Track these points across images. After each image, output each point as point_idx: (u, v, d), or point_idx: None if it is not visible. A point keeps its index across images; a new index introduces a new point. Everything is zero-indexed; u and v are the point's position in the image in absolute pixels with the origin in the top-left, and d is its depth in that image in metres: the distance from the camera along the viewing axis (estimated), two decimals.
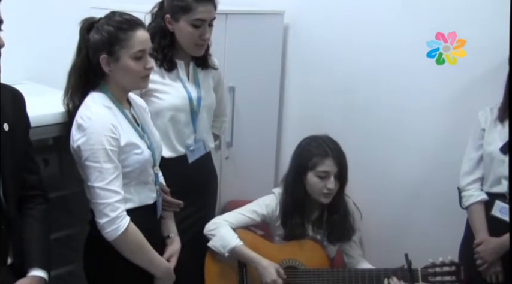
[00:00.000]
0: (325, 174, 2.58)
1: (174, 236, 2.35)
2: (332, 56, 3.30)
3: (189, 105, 2.54)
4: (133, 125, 2.15)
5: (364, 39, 3.15)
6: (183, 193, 2.53)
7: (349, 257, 2.75)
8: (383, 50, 3.07)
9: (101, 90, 2.12)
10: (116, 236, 1.99)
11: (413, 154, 3.03)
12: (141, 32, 2.07)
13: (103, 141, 1.99)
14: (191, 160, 2.62)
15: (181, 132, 2.57)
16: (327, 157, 2.58)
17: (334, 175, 2.58)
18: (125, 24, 2.05)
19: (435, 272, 2.48)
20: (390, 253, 2.75)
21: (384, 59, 3.07)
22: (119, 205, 2.00)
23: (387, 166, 3.13)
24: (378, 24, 3.07)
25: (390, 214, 3.16)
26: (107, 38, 2.04)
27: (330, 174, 2.58)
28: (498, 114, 2.52)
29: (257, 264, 2.55)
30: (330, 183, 2.57)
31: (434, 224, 2.98)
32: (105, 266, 2.12)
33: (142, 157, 2.11)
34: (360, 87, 3.20)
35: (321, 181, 2.58)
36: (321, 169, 2.58)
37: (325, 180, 2.58)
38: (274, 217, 2.69)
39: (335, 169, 2.59)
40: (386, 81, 3.08)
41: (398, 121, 3.07)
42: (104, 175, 1.98)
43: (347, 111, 3.26)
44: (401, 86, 3.03)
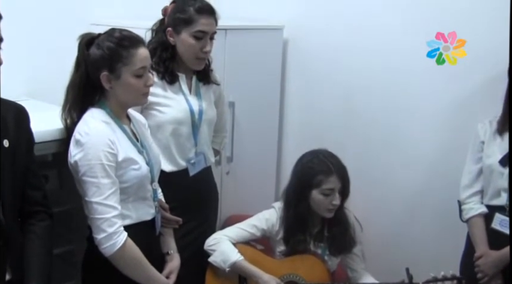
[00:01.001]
0: (330, 191, 2.58)
1: (174, 253, 2.32)
2: (332, 70, 3.29)
3: (190, 118, 2.54)
4: (132, 140, 2.14)
5: (363, 51, 3.13)
6: (184, 207, 2.54)
7: (352, 271, 2.74)
8: (383, 61, 3.06)
9: (100, 106, 2.11)
10: (113, 251, 1.98)
11: (413, 163, 3.02)
12: (142, 49, 2.07)
13: (100, 156, 1.98)
14: (192, 173, 2.61)
15: (183, 145, 2.56)
16: (331, 174, 2.58)
17: (338, 191, 2.58)
18: (126, 41, 2.04)
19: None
20: (390, 264, 2.75)
21: (383, 69, 3.06)
22: (116, 220, 1.99)
23: (387, 175, 3.12)
24: (377, 33, 3.06)
25: (390, 224, 3.14)
26: (108, 55, 2.03)
27: (335, 190, 2.58)
28: (497, 127, 2.51)
29: (258, 278, 2.54)
30: (335, 199, 2.57)
31: (435, 235, 2.97)
32: (103, 282, 2.10)
33: (140, 172, 2.10)
34: (359, 100, 3.19)
35: (326, 198, 2.58)
36: (327, 187, 2.57)
37: (330, 197, 2.58)
38: (274, 231, 2.68)
39: (339, 185, 2.58)
40: (386, 92, 3.07)
41: (398, 131, 3.06)
42: (102, 191, 1.97)
43: (347, 124, 3.25)
44: (401, 96, 3.02)
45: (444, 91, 2.84)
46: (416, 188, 3.04)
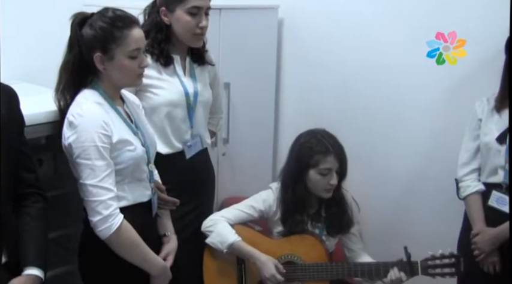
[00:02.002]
0: (328, 171, 2.55)
1: (171, 235, 2.31)
2: (328, 50, 3.26)
3: (185, 100, 2.51)
4: (127, 122, 2.11)
5: (360, 33, 3.11)
6: (181, 190, 2.52)
7: (349, 250, 2.72)
8: (379, 44, 3.03)
9: (93, 87, 2.08)
10: (109, 234, 1.96)
11: (410, 147, 3.01)
12: (136, 30, 2.03)
13: (94, 138, 1.95)
14: (189, 155, 2.58)
15: (178, 128, 2.54)
16: (329, 154, 2.55)
17: (335, 171, 2.56)
18: (119, 21, 2.01)
19: (435, 264, 2.47)
20: (389, 246, 2.75)
21: (380, 53, 3.04)
22: (111, 202, 1.97)
23: (385, 159, 3.10)
24: (374, 17, 3.04)
25: (388, 207, 3.13)
26: (101, 35, 1.99)
27: (332, 170, 2.55)
28: (495, 104, 2.50)
29: (256, 259, 2.53)
30: (332, 179, 2.55)
31: (433, 216, 2.96)
32: (100, 265, 2.08)
33: (136, 153, 2.07)
34: (356, 80, 3.17)
35: (323, 178, 2.56)
36: (324, 167, 2.55)
37: (327, 177, 2.55)
38: (272, 212, 2.66)
39: (336, 165, 2.56)
40: (382, 74, 3.05)
41: (395, 114, 3.04)
42: (96, 173, 1.95)
43: (344, 105, 3.22)
44: (398, 79, 3.00)
45: (440, 75, 2.82)
46: (414, 168, 3.03)
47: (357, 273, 2.55)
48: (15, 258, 1.89)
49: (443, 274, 2.46)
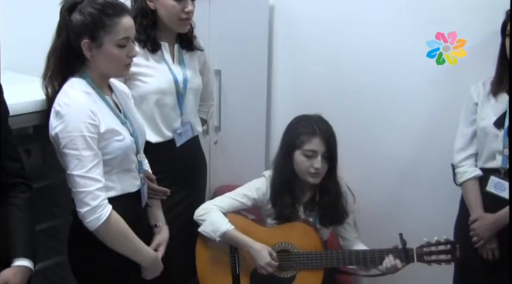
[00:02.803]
0: (312, 153, 2.51)
1: (162, 225, 2.28)
2: (319, 36, 3.21)
3: (174, 88, 2.47)
4: (115, 111, 2.06)
5: (351, 18, 3.06)
6: (172, 178, 2.49)
7: (344, 239, 2.70)
8: (372, 29, 2.98)
9: (81, 76, 2.03)
10: (98, 225, 1.92)
11: (404, 132, 2.97)
12: (126, 18, 1.99)
13: (81, 128, 1.90)
14: (179, 143, 2.55)
15: (168, 116, 2.49)
16: (315, 135, 2.52)
17: (322, 155, 2.51)
18: (110, 9, 1.96)
19: (430, 251, 2.44)
20: (384, 233, 2.72)
21: (373, 37, 2.99)
22: (99, 193, 1.92)
23: (379, 146, 3.06)
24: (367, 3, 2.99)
25: (383, 194, 3.09)
26: (90, 22, 1.94)
27: (317, 153, 2.51)
28: (491, 88, 2.47)
29: (249, 248, 2.50)
30: (316, 162, 2.50)
31: (428, 203, 2.94)
32: (90, 257, 2.04)
33: (124, 144, 2.02)
34: (349, 66, 3.12)
35: (307, 160, 2.52)
36: (308, 148, 2.51)
37: (312, 159, 2.51)
38: (265, 200, 2.63)
39: (323, 149, 2.52)
40: (375, 60, 3.00)
41: (389, 100, 2.99)
42: (83, 163, 1.90)
43: (337, 91, 3.17)
44: (391, 65, 2.96)
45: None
46: (409, 154, 2.99)
47: (352, 261, 2.52)
48: (4, 250, 1.85)
49: (439, 260, 2.44)
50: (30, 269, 1.86)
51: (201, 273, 2.61)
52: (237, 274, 2.58)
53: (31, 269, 1.87)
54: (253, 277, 2.56)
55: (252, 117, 3.37)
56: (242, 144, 3.29)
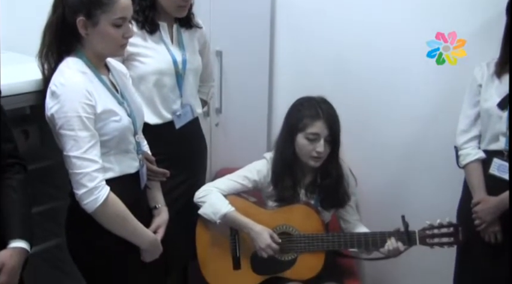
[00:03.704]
0: (315, 137, 2.48)
1: (161, 207, 2.25)
2: (322, 16, 3.13)
3: (173, 69, 2.44)
4: (112, 91, 2.03)
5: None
6: (172, 161, 2.47)
7: (345, 222, 2.68)
8: (375, 9, 2.92)
9: (76, 55, 1.99)
10: (95, 207, 1.89)
11: (407, 114, 2.93)
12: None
13: (77, 108, 1.87)
14: (178, 126, 2.51)
15: (167, 97, 2.46)
16: (318, 119, 2.48)
17: (324, 139, 2.48)
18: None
19: (433, 234, 2.42)
20: (386, 217, 2.70)
21: (375, 17, 2.93)
22: (97, 174, 1.89)
23: (381, 128, 3.02)
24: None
25: (385, 176, 3.06)
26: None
27: (320, 136, 2.48)
28: (495, 69, 2.42)
29: (250, 230, 2.48)
30: (319, 146, 2.47)
31: (431, 186, 2.90)
32: (88, 239, 2.02)
33: (121, 124, 1.99)
34: (351, 47, 3.05)
35: (310, 144, 2.49)
36: (311, 131, 2.48)
37: (314, 143, 2.48)
38: (266, 183, 2.61)
39: (326, 133, 2.48)
40: (377, 40, 2.94)
41: (391, 81, 2.94)
42: (80, 144, 1.87)
43: (339, 72, 3.12)
44: (393, 46, 2.90)
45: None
46: (412, 136, 2.95)
47: (353, 244, 2.51)
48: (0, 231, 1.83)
49: (442, 243, 2.41)
50: (27, 250, 1.84)
51: (201, 256, 2.60)
52: (238, 256, 2.57)
53: (27, 251, 1.85)
54: (254, 260, 2.55)
55: (254, 98, 3.33)
56: (243, 126, 3.26)
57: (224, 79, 3.08)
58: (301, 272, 2.53)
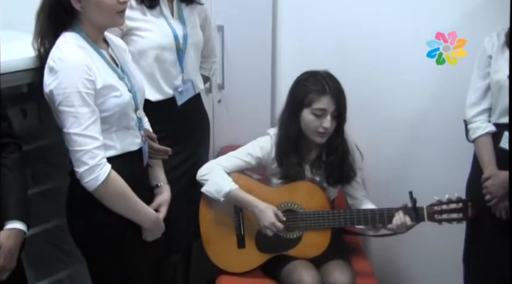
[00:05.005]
0: (322, 112, 2.46)
1: (163, 185, 2.24)
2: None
3: (174, 43, 2.42)
4: (112, 66, 2.01)
5: None
6: (174, 138, 2.46)
7: (352, 198, 2.67)
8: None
9: (74, 30, 1.96)
10: (97, 185, 1.88)
11: (414, 87, 2.88)
12: None
13: (77, 84, 1.85)
14: (180, 102, 2.50)
15: (168, 73, 2.44)
16: (324, 94, 2.46)
17: (331, 114, 2.46)
18: None
19: (441, 210, 2.40)
20: (394, 192, 2.70)
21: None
22: (98, 152, 1.87)
23: (387, 102, 2.97)
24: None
25: (392, 151, 3.02)
26: None
27: (327, 112, 2.46)
28: (505, 39, 2.37)
29: (254, 207, 2.48)
30: (325, 121, 2.45)
31: (439, 161, 2.86)
32: (89, 219, 2.00)
33: (122, 100, 1.97)
34: (356, 20, 3.01)
35: (316, 120, 2.47)
36: (317, 107, 2.46)
37: (321, 118, 2.46)
38: (270, 159, 2.60)
39: (332, 108, 2.46)
40: (383, 12, 2.91)
41: (396, 54, 2.89)
42: (80, 121, 1.85)
43: (344, 46, 3.08)
44: (399, 18, 2.86)
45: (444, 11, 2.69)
46: (419, 110, 2.90)
47: (360, 220, 2.50)
48: None
49: (450, 219, 2.40)
50: (24, 231, 1.84)
51: (205, 235, 2.60)
52: (242, 235, 2.57)
53: (24, 232, 1.84)
54: (259, 238, 2.55)
55: (257, 74, 3.30)
56: (247, 102, 3.23)
57: (226, 55, 3.05)
58: (306, 251, 2.53)
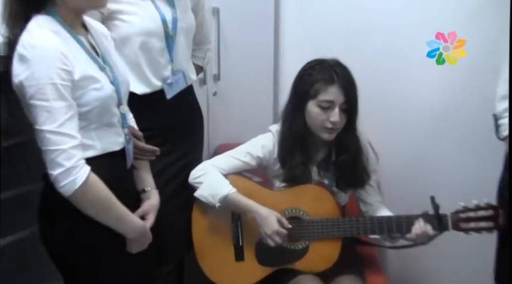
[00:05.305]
0: (329, 104, 2.46)
1: (151, 190, 2.24)
2: None
3: (162, 29, 2.44)
4: (91, 55, 1.99)
5: None
6: (163, 136, 2.50)
7: (365, 204, 2.67)
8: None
9: (48, 13, 1.94)
10: (74, 190, 1.85)
11: (436, 77, 2.89)
12: None
13: (51, 74, 1.82)
14: (169, 95, 2.53)
15: (155, 62, 2.46)
16: (332, 84, 2.46)
17: (339, 107, 2.46)
18: None
19: (468, 217, 2.38)
20: (412, 197, 2.73)
21: None
22: (75, 152, 1.84)
23: (405, 93, 3.01)
24: None
25: (411, 150, 3.06)
26: None
27: (335, 104, 2.45)
28: None
29: (254, 214, 2.48)
30: (333, 115, 2.45)
31: (465, 161, 2.90)
32: (64, 229, 1.98)
33: (103, 93, 1.95)
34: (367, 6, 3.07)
35: (323, 113, 2.47)
36: (324, 98, 2.46)
37: (328, 112, 2.46)
38: (272, 159, 2.61)
39: (341, 99, 2.46)
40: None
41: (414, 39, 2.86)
42: (55, 116, 1.82)
43: (352, 32, 3.12)
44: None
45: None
46: (441, 102, 2.93)
47: (375, 229, 2.49)
48: None
49: (479, 228, 2.38)
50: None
51: (198, 246, 2.61)
52: (241, 245, 2.57)
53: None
54: (259, 249, 2.55)
55: (257, 63, 3.33)
56: (246, 94, 3.26)
57: (222, 42, 3.07)
58: (313, 263, 2.53)
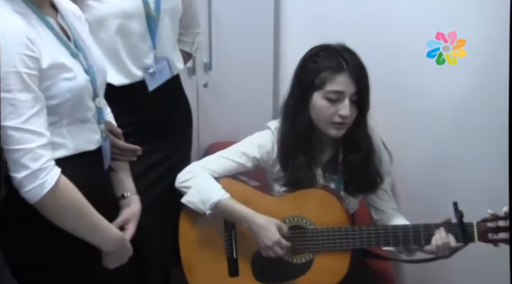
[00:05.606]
0: (338, 96, 2.43)
1: (131, 195, 2.25)
2: None
3: (143, 9, 2.47)
4: (62, 39, 1.97)
5: None
6: (145, 134, 2.55)
7: (377, 211, 2.66)
8: None
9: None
10: (41, 196, 1.83)
11: (457, 67, 2.83)
12: None
13: (15, 62, 1.80)
14: (152, 87, 2.56)
15: (136, 48, 2.50)
16: (341, 72, 2.43)
17: (349, 98, 2.43)
18: None
19: (497, 227, 2.35)
20: (431, 203, 2.74)
21: None
22: (42, 151, 1.83)
23: (422, 86, 2.97)
24: None
25: (429, 150, 3.01)
26: None
27: (344, 95, 2.43)
28: None
29: (250, 222, 2.47)
30: (343, 107, 2.42)
31: (492, 162, 2.82)
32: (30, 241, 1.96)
33: (76, 83, 1.93)
34: None
35: (331, 106, 2.44)
36: (332, 89, 2.43)
37: (336, 104, 2.44)
38: (271, 160, 2.61)
39: (351, 90, 2.43)
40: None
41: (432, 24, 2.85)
42: (19, 110, 1.81)
43: (362, 18, 3.12)
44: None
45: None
46: (464, 96, 2.89)
47: (388, 240, 2.46)
48: None
49: (510, 240, 2.34)
50: None
51: (187, 259, 2.60)
52: (235, 258, 2.57)
53: None
54: (256, 263, 2.55)
55: (255, 50, 3.34)
56: (241, 86, 3.28)
57: (215, 25, 3.09)
58: (318, 279, 2.52)
